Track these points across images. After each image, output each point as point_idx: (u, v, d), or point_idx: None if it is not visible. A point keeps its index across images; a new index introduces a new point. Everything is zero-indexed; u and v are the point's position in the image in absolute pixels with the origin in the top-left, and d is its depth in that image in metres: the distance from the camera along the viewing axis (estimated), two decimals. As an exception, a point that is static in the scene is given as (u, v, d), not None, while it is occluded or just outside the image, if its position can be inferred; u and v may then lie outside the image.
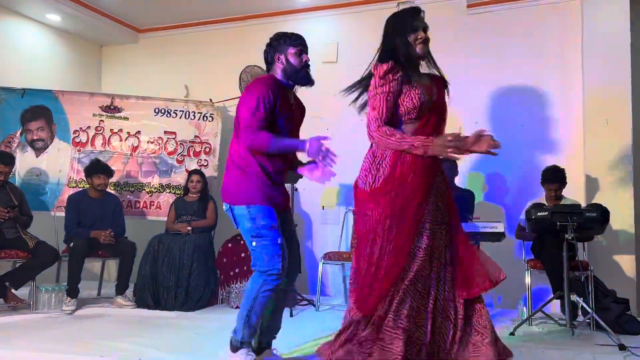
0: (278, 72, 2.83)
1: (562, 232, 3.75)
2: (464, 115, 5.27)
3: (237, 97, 5.93)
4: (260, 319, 2.73)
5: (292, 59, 2.79)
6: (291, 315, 4.31)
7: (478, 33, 5.37)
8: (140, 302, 4.61)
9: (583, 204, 4.41)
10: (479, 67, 5.30)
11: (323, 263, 4.76)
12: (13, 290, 4.40)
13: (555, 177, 4.32)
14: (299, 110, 2.96)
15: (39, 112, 5.36)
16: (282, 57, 2.80)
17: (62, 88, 5.74)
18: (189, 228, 4.85)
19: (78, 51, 6.56)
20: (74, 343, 3.33)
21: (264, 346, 2.90)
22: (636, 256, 4.58)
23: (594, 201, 4.56)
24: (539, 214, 3.80)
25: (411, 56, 2.53)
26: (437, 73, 2.64)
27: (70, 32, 6.38)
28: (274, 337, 2.95)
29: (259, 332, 2.87)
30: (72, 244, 4.53)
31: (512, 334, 3.71)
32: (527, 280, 4.25)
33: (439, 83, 2.62)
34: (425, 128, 2.49)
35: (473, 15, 5.39)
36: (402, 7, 6.01)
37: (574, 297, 3.76)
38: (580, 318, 4.04)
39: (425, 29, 2.57)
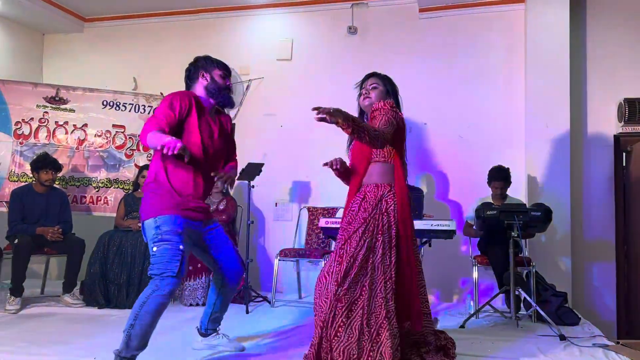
0: (199, 89, 2.90)
1: (508, 230, 3.96)
2: (414, 114, 5.43)
3: (188, 92, 5.87)
4: (149, 328, 2.56)
5: (217, 79, 2.89)
6: (247, 312, 4.32)
7: (429, 36, 5.55)
8: (90, 300, 4.48)
9: (525, 203, 4.68)
10: (430, 67, 5.48)
11: (279, 260, 4.78)
12: (-49, 290, 4.18)
13: (500, 176, 4.56)
14: (222, 135, 2.96)
15: (-23, 102, 5.08)
16: (207, 75, 2.89)
17: (0, 76, 5.46)
18: (140, 224, 4.74)
19: (18, 38, 6.25)
20: (24, 344, 3.21)
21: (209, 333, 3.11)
22: (571, 252, 4.90)
23: (534, 200, 4.83)
24: (488, 212, 3.99)
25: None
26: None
27: (9, 17, 6.07)
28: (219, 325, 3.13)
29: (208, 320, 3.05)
30: (16, 241, 4.34)
31: (462, 326, 3.89)
32: (475, 275, 4.45)
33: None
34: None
35: (424, 20, 5.57)
36: (355, 8, 6.12)
37: (518, 292, 3.98)
38: (523, 311, 4.28)
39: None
